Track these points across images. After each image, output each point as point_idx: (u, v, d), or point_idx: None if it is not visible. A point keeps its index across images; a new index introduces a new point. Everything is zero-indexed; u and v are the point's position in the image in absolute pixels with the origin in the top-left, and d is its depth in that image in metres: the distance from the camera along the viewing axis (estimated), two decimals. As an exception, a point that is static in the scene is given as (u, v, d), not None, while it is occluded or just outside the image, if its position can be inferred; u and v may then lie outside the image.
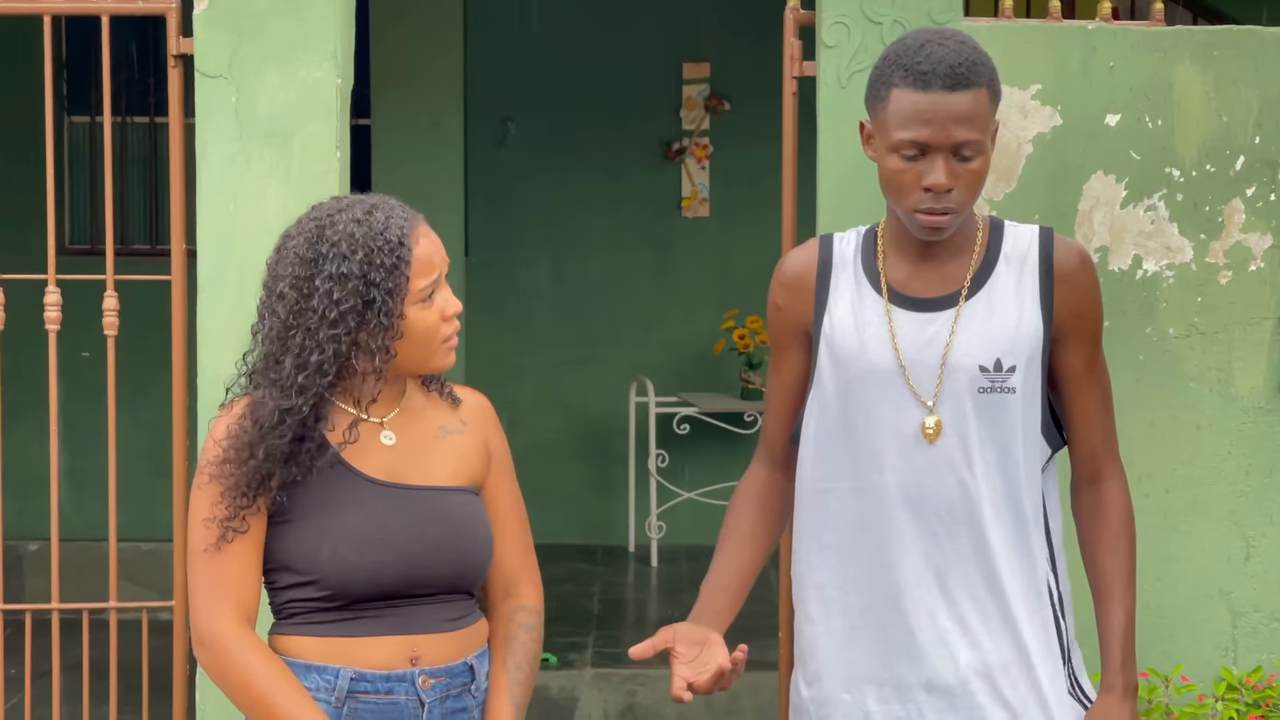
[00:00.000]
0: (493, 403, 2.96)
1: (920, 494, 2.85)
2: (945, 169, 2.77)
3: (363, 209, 2.71)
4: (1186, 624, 3.86)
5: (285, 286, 2.70)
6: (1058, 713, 2.86)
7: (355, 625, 2.73)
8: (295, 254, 2.70)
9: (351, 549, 2.70)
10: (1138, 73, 3.84)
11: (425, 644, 2.75)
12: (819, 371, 2.93)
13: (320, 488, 2.72)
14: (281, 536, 2.73)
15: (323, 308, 2.66)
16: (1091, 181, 3.85)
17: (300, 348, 2.68)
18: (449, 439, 2.84)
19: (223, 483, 2.68)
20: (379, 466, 2.76)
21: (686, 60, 8.92)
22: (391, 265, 2.67)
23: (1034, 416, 2.88)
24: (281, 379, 2.69)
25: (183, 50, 3.91)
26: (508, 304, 8.90)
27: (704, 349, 8.86)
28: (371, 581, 2.71)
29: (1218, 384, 3.86)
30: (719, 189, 8.94)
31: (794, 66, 3.97)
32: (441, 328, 2.75)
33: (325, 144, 3.87)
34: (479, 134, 8.87)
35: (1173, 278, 3.85)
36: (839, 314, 2.92)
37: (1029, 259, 2.89)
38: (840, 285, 2.94)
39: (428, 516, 2.76)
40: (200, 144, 3.87)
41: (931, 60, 2.76)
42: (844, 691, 2.91)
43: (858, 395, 2.88)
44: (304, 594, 2.73)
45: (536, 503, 9.47)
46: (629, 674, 6.46)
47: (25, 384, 5.79)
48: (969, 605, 2.85)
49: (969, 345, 2.84)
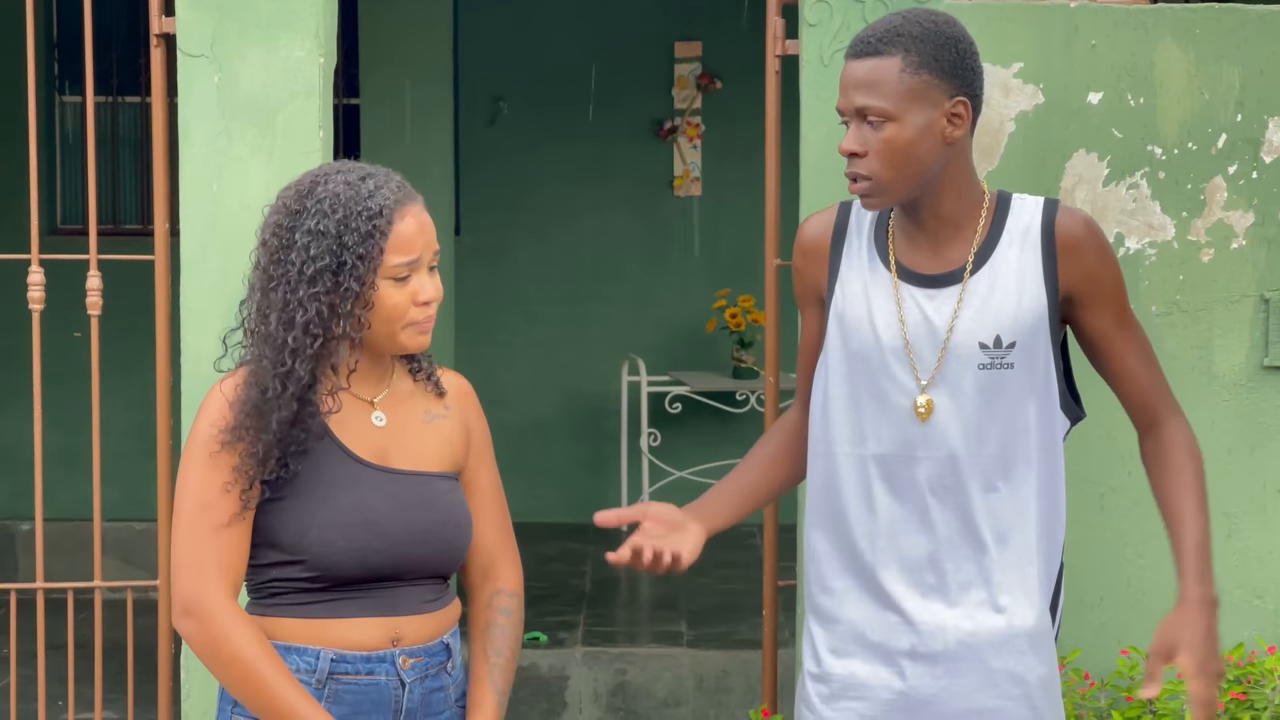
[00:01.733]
0: (484, 382, 2.98)
1: (913, 467, 2.87)
2: (853, 135, 2.84)
3: (357, 175, 2.73)
4: (1169, 602, 3.83)
5: (269, 234, 2.73)
6: (1036, 684, 2.87)
7: (338, 606, 2.73)
8: (284, 204, 2.74)
9: (339, 532, 2.71)
10: (1120, 50, 3.84)
11: (407, 625, 2.77)
12: (827, 338, 2.96)
13: (311, 465, 2.72)
14: (270, 513, 2.72)
15: (300, 262, 2.68)
16: (1074, 159, 3.85)
17: (284, 303, 2.69)
18: (435, 424, 2.85)
19: (237, 450, 2.68)
20: (369, 448, 2.77)
21: (678, 39, 8.92)
22: (367, 232, 2.67)
23: (1041, 390, 2.89)
24: (270, 337, 2.69)
25: (165, 29, 3.91)
26: (500, 283, 8.90)
27: (696, 328, 8.87)
28: (358, 565, 2.72)
29: (1199, 362, 3.87)
30: (711, 168, 8.94)
31: (777, 45, 3.98)
32: (411, 310, 2.74)
33: (308, 123, 3.86)
34: (470, 113, 8.87)
35: (1155, 255, 3.86)
36: (849, 284, 2.94)
37: (1031, 232, 2.89)
38: (852, 255, 2.96)
39: (415, 503, 2.77)
40: (183, 123, 3.87)
41: (861, 32, 2.86)
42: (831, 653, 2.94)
43: (860, 366, 2.91)
44: (288, 573, 2.73)
45: (529, 481, 9.54)
46: (619, 652, 6.48)
47: (18, 365, 5.80)
48: (955, 577, 2.87)
49: (970, 323, 2.86)
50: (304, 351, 2.69)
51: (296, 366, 2.68)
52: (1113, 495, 3.85)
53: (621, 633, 6.82)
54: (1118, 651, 3.78)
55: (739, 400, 8.43)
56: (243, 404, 2.70)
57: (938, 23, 2.85)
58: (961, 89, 2.84)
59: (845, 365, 2.93)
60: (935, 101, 2.82)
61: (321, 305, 2.68)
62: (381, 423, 2.80)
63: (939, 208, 2.89)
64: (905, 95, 2.80)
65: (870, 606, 2.91)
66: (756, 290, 8.51)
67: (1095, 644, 3.80)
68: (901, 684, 2.89)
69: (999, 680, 2.87)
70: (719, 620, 6.87)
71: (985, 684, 2.87)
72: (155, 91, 3.97)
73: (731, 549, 8.35)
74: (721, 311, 8.51)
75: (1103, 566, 3.86)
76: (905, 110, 2.80)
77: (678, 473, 8.41)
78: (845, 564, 2.93)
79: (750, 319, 8.39)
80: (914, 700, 2.89)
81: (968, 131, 2.87)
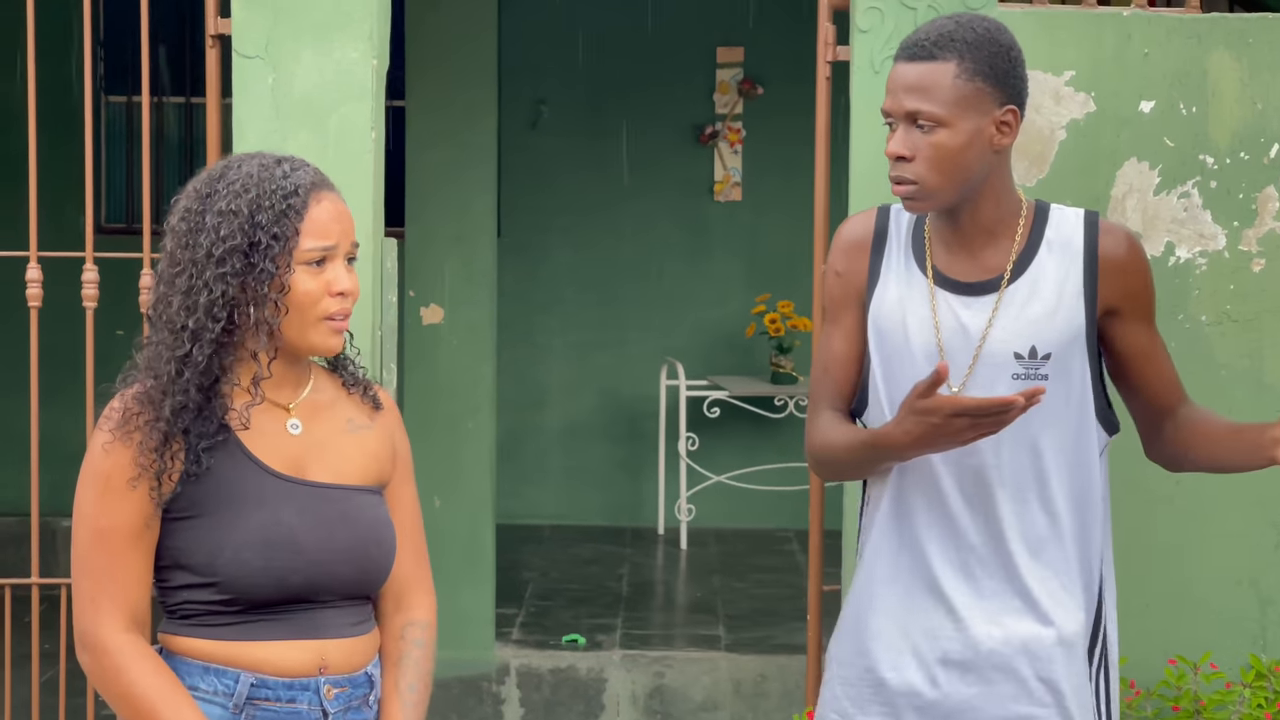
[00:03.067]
0: (522, 384, 2.96)
1: (942, 475, 2.87)
2: (901, 138, 2.82)
3: (272, 159, 2.63)
4: (1215, 611, 3.86)
5: (176, 219, 2.60)
6: (1070, 694, 2.87)
7: (258, 628, 2.59)
8: (194, 189, 2.62)
9: (254, 552, 2.56)
10: (1172, 59, 3.83)
11: (333, 649, 2.62)
12: (871, 345, 2.94)
13: (220, 479, 2.57)
14: (176, 534, 2.57)
15: (209, 243, 2.55)
16: (1125, 168, 3.84)
17: (188, 287, 2.55)
18: (359, 434, 2.71)
19: (130, 442, 2.53)
20: (283, 458, 2.62)
21: (720, 44, 8.94)
22: (281, 211, 2.55)
23: (1076, 404, 2.89)
24: (170, 321, 2.56)
25: (220, 30, 3.93)
26: (539, 286, 8.92)
27: (735, 332, 8.87)
28: (275, 587, 2.57)
29: (1249, 372, 3.86)
30: (751, 173, 8.96)
31: (828, 51, 3.98)
32: (325, 301, 2.59)
33: (361, 125, 3.87)
34: (512, 116, 8.88)
35: (1205, 265, 3.85)
36: (887, 288, 2.93)
37: (1072, 246, 2.90)
38: (892, 259, 2.95)
39: (336, 518, 2.62)
40: (237, 124, 3.88)
41: (914, 34, 2.84)
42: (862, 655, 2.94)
43: (894, 371, 2.90)
44: (201, 595, 2.58)
45: (566, 484, 9.59)
46: (657, 655, 6.49)
47: (61, 361, 5.83)
48: (987, 585, 2.87)
49: (1006, 332, 2.86)
50: (204, 335, 2.54)
51: (194, 351, 2.53)
52: (1159, 505, 3.84)
53: (659, 636, 6.83)
54: (1164, 661, 3.78)
55: (777, 405, 8.43)
56: (138, 398, 2.56)
57: (990, 30, 2.85)
58: (1012, 97, 2.84)
59: (883, 370, 2.92)
60: (986, 109, 2.82)
61: (229, 286, 2.54)
62: (297, 430, 2.65)
63: (979, 215, 2.89)
64: (958, 101, 2.80)
65: (904, 613, 2.91)
66: (796, 295, 8.51)
67: (1142, 653, 3.79)
68: (934, 691, 2.89)
69: (1033, 689, 2.87)
70: (756, 624, 6.88)
71: (1019, 692, 2.87)
72: (210, 92, 3.99)
73: (768, 554, 8.38)
74: (761, 316, 8.52)
75: (1149, 576, 3.86)
76: (958, 116, 2.80)
77: (715, 477, 8.42)
78: (885, 568, 2.93)
79: (789, 324, 8.39)
80: (946, 708, 2.89)
81: (1013, 140, 2.88)
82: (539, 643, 6.62)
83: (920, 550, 2.90)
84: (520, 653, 6.51)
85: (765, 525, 8.75)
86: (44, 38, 4.18)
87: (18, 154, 7.66)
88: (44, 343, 4.25)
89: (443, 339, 6.50)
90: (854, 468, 2.95)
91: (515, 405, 8.60)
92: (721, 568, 8.08)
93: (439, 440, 6.47)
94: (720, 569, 8.05)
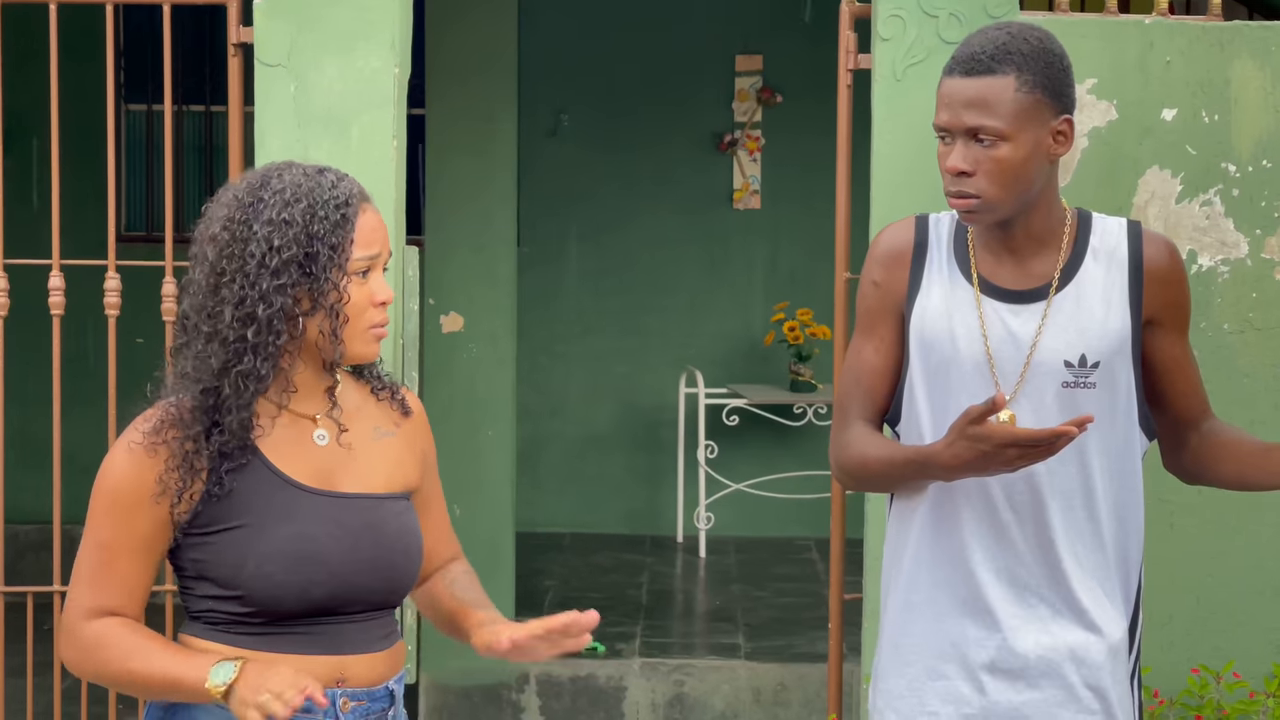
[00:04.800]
0: (541, 392, 2.95)
1: (993, 484, 2.85)
2: (961, 153, 2.79)
3: (314, 169, 2.59)
4: (1239, 620, 3.86)
5: (218, 228, 2.53)
6: (1116, 701, 2.87)
7: (280, 641, 2.56)
8: (234, 197, 2.55)
9: (279, 565, 2.53)
10: (1194, 67, 3.83)
11: (353, 664, 2.60)
12: (911, 355, 2.92)
13: (244, 495, 2.54)
14: (200, 548, 2.55)
15: (261, 253, 2.49)
16: (1147, 176, 3.84)
17: (239, 298, 2.49)
18: (384, 441, 2.68)
19: (157, 456, 2.50)
20: (309, 470, 2.59)
21: (739, 52, 8.93)
22: (337, 221, 2.52)
23: (1123, 411, 2.89)
24: (219, 334, 2.50)
25: (242, 39, 3.94)
26: (558, 294, 8.92)
27: (754, 341, 8.87)
28: (299, 600, 2.54)
29: (1273, 380, 3.85)
30: (770, 181, 8.95)
31: (849, 59, 3.98)
32: (370, 312, 2.57)
33: (383, 133, 3.89)
34: (532, 124, 8.88)
35: (1228, 273, 3.84)
36: (930, 298, 2.91)
37: (1117, 254, 2.89)
38: (933, 269, 2.93)
39: (361, 528, 2.59)
40: (259, 132, 3.90)
41: (967, 47, 2.81)
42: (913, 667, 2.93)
43: (941, 381, 2.89)
44: (226, 607, 2.56)
45: (585, 493, 9.57)
46: (677, 664, 6.49)
47: (81, 369, 5.84)
48: (1034, 594, 2.87)
49: (1055, 340, 2.85)
50: (265, 349, 2.50)
51: (259, 365, 2.49)
52: (1183, 514, 3.84)
53: (679, 644, 6.83)
54: (1187, 670, 3.77)
55: (796, 414, 8.42)
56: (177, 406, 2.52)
57: (1044, 40, 2.83)
58: (1067, 106, 2.83)
59: (926, 381, 2.91)
60: (1045, 120, 2.80)
61: (287, 299, 2.50)
62: (324, 441, 2.62)
63: (1030, 225, 2.87)
64: (1019, 115, 2.77)
65: (950, 621, 2.90)
66: (815, 303, 8.51)
67: (1165, 662, 3.79)
68: (982, 699, 2.89)
69: (1080, 695, 2.86)
70: (776, 633, 6.87)
71: (1067, 699, 2.86)
72: (232, 101, 4.00)
73: (788, 563, 8.37)
74: (780, 324, 8.51)
75: (1172, 585, 3.85)
76: (1019, 130, 2.77)
77: (735, 485, 8.41)
78: (929, 578, 2.93)
79: (809, 332, 8.39)
80: (994, 714, 2.88)
81: (1069, 149, 2.87)
82: (559, 651, 6.61)
83: (965, 559, 2.88)
84: (540, 661, 6.50)
85: (784, 534, 8.74)
86: (65, 47, 4.19)
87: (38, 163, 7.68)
88: (65, 351, 4.26)
89: (463, 347, 6.50)
90: (891, 483, 2.93)
91: (534, 414, 8.60)
92: (741, 576, 8.08)
93: (459, 449, 6.48)
94: (739, 577, 8.05)
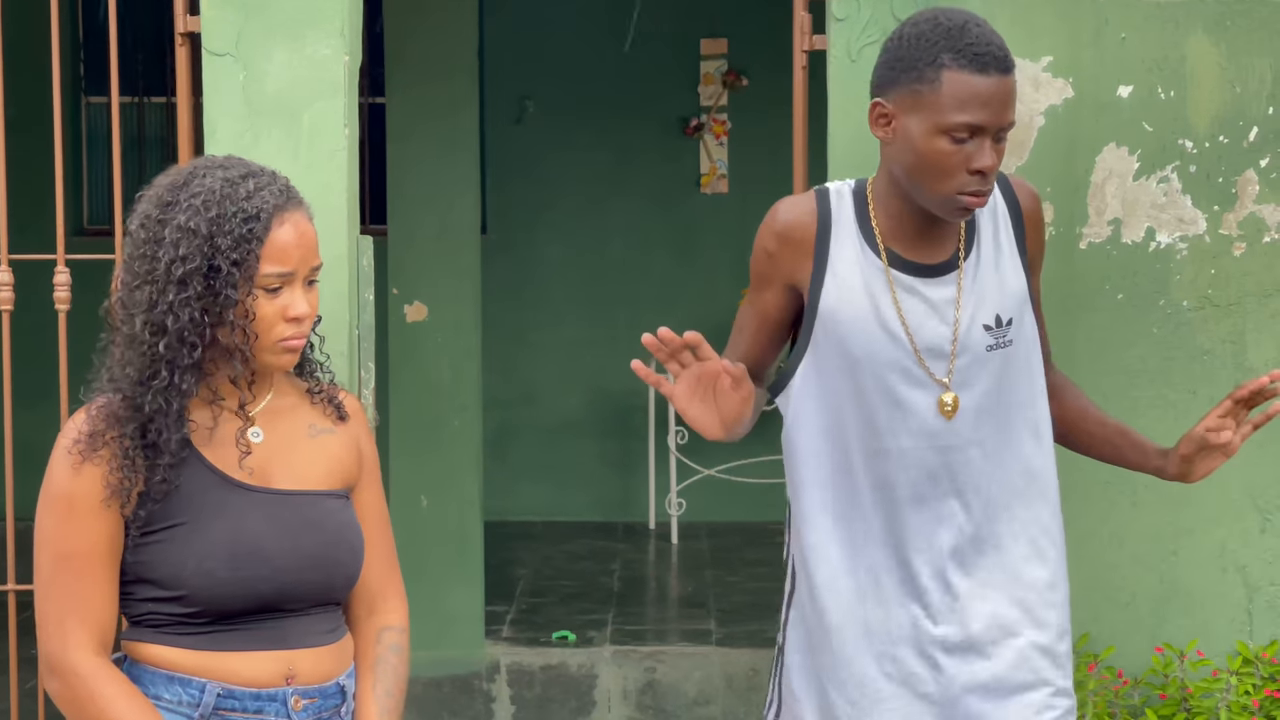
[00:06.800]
0: (511, 381, 2.91)
1: (934, 464, 2.85)
2: (989, 151, 2.77)
3: (239, 173, 2.54)
4: (1202, 598, 3.84)
5: (135, 224, 2.53)
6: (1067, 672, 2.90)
7: (226, 638, 2.54)
8: (156, 194, 2.54)
9: (220, 563, 2.51)
10: (1150, 44, 3.80)
11: (301, 659, 2.58)
12: (816, 335, 2.88)
13: (181, 493, 2.52)
14: (139, 550, 2.52)
15: (168, 260, 2.48)
16: (1104, 154, 3.81)
17: (150, 305, 2.48)
18: (321, 438, 2.67)
19: (99, 461, 2.48)
20: (246, 468, 2.57)
21: (704, 36, 8.91)
22: (241, 236, 2.48)
23: (1035, 360, 2.92)
24: (137, 337, 2.49)
25: (190, 28, 3.89)
26: (526, 282, 8.89)
27: (724, 325, 8.78)
28: (243, 597, 2.52)
29: (1232, 357, 3.83)
30: (738, 165, 8.93)
31: (804, 40, 3.94)
32: (280, 326, 2.54)
33: (334, 122, 3.84)
34: (497, 111, 8.86)
35: (1186, 250, 3.82)
36: (845, 278, 2.88)
37: (998, 208, 2.92)
38: (843, 246, 2.90)
39: (301, 525, 2.58)
40: (208, 123, 3.85)
41: (982, 43, 2.76)
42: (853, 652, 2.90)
43: (865, 363, 2.86)
44: (167, 608, 2.54)
45: (556, 481, 9.56)
46: (649, 651, 6.47)
47: (40, 364, 5.80)
48: (979, 561, 2.87)
49: (973, 308, 2.85)
50: (180, 362, 2.49)
51: (173, 376, 2.49)
52: (1145, 492, 3.81)
53: (650, 631, 6.81)
54: (1151, 649, 3.75)
55: (767, 398, 8.42)
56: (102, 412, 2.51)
57: None
58: None
59: (843, 360, 2.86)
60: None
61: (194, 311, 2.48)
62: (259, 438, 2.60)
63: None
64: None
65: (893, 603, 2.88)
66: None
67: (1129, 642, 3.77)
68: (936, 677, 2.87)
69: (1029, 656, 2.87)
70: (749, 618, 6.86)
71: (1019, 661, 2.87)
72: (180, 91, 3.96)
73: (760, 547, 8.36)
74: (749, 309, 8.49)
75: (1135, 564, 3.83)
76: None
77: (706, 471, 8.40)
78: (857, 559, 2.89)
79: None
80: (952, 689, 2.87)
81: None
82: (530, 640, 6.60)
83: (893, 543, 2.87)
84: (511, 650, 6.49)
85: (757, 518, 8.72)
86: (20, 41, 4.13)
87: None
88: (23, 346, 4.21)
89: (427, 337, 6.47)
90: None
91: (505, 402, 8.57)
92: (713, 562, 8.06)
93: (425, 439, 6.45)
94: (712, 563, 8.03)
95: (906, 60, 2.80)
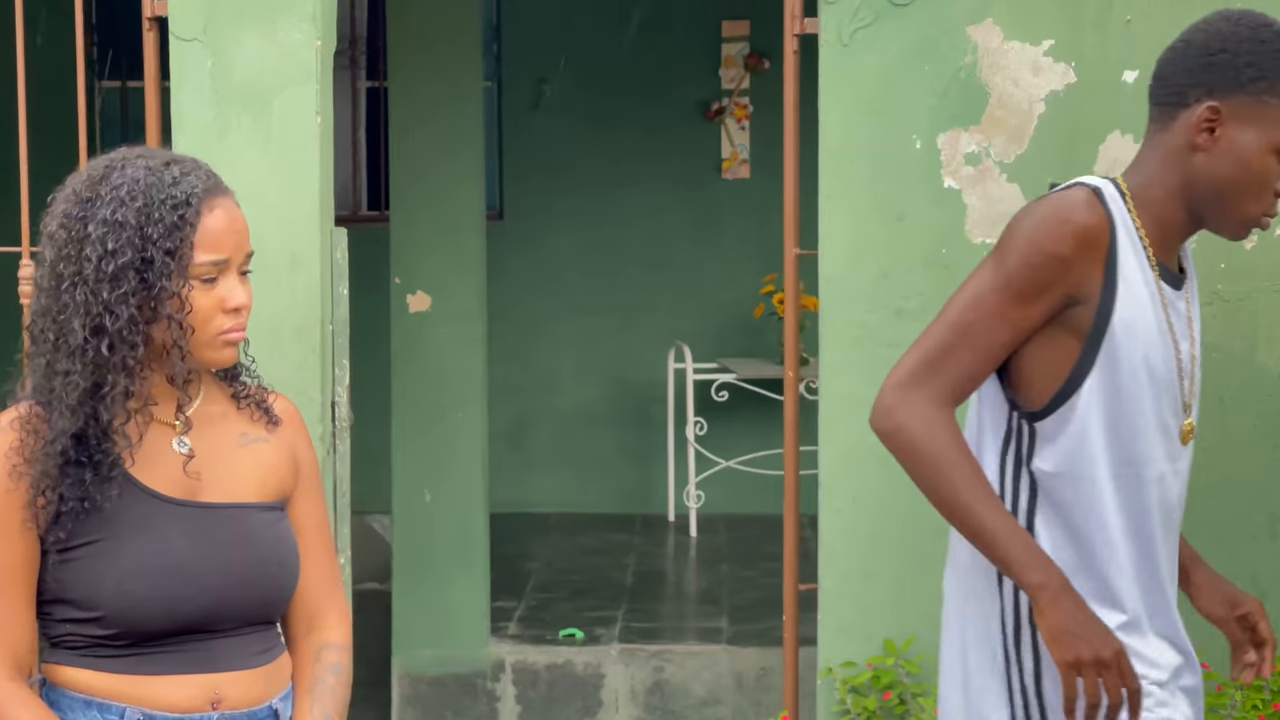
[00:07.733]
0: (528, 370, 2.75)
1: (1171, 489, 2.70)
2: None
3: (160, 160, 2.41)
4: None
5: (55, 225, 2.39)
6: None
7: (147, 661, 2.41)
8: (73, 190, 2.40)
9: (140, 582, 2.37)
10: (1156, 25, 3.63)
11: (229, 683, 2.44)
12: (1107, 350, 2.61)
13: (99, 509, 2.38)
14: (55, 568, 2.39)
15: (97, 257, 2.34)
16: (1108, 142, 3.67)
17: (85, 306, 2.34)
18: (253, 448, 2.52)
19: (20, 478, 2.35)
20: (171, 481, 2.43)
21: (725, 18, 8.76)
22: (173, 223, 2.36)
23: None
24: (69, 342, 2.35)
25: (157, 12, 3.77)
26: (543, 269, 8.76)
27: (744, 314, 8.70)
28: (166, 618, 2.39)
29: (1243, 353, 3.68)
30: (760, 149, 8.77)
31: (795, 24, 3.84)
32: (219, 319, 2.42)
33: (305, 109, 3.72)
34: (514, 97, 8.73)
35: (1195, 243, 3.65)
36: (1135, 289, 2.63)
37: None
38: (1127, 254, 2.64)
39: (230, 540, 2.44)
40: (175, 110, 3.73)
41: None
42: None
43: (1162, 383, 2.65)
44: (85, 630, 2.40)
45: (573, 472, 9.43)
46: (656, 649, 6.34)
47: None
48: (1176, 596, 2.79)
49: (1200, 326, 2.76)
50: (126, 363, 2.35)
51: (130, 384, 2.36)
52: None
53: (660, 629, 6.67)
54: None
55: (787, 388, 8.27)
56: (23, 423, 2.36)
57: None
58: None
59: (1137, 378, 2.63)
60: None
61: (132, 308, 2.35)
62: (184, 448, 2.46)
63: None
64: None
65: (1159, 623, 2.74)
66: (805, 274, 8.32)
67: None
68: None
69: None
70: (761, 616, 6.70)
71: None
72: (148, 77, 3.83)
73: (779, 541, 8.19)
74: (769, 297, 8.33)
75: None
76: None
77: (725, 462, 8.26)
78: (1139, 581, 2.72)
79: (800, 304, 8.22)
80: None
81: None
82: (535, 638, 6.47)
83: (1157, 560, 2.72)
84: (516, 648, 6.37)
85: (776, 511, 8.52)
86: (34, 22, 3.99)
87: None
88: None
89: (430, 327, 6.34)
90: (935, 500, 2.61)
91: (521, 392, 8.45)
92: (730, 555, 7.91)
93: (428, 432, 6.33)
94: (729, 557, 7.88)
95: (1259, 67, 2.59)
